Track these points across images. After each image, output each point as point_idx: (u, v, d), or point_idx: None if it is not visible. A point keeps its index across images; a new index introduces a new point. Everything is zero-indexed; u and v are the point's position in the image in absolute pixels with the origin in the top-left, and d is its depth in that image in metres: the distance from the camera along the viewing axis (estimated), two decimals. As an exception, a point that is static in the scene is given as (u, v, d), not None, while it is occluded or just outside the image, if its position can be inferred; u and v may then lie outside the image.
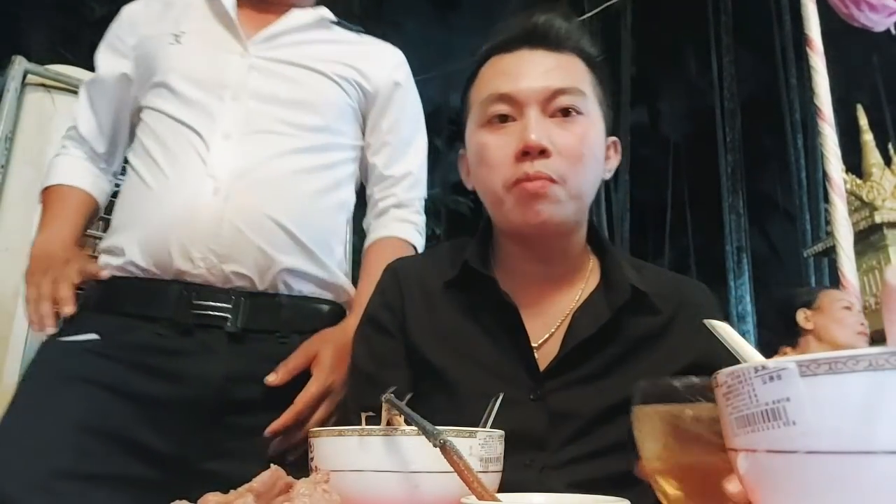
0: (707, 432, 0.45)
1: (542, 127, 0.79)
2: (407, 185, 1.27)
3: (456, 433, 0.50)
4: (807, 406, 0.31)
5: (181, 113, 1.09)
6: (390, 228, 1.24)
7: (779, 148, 14.84)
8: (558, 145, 0.79)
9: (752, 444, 0.34)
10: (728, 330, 0.44)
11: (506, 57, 0.85)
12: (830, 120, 3.43)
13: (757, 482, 0.35)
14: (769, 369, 0.33)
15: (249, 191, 1.05)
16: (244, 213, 1.03)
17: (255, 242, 1.03)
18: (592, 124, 0.83)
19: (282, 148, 1.09)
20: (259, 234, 1.04)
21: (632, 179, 14.14)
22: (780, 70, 14.23)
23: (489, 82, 0.85)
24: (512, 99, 0.81)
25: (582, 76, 0.84)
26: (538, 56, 0.83)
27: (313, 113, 1.14)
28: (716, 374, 0.38)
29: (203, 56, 1.13)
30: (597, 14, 8.00)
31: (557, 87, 0.80)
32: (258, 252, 1.04)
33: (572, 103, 0.81)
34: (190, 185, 1.04)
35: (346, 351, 0.99)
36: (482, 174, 0.84)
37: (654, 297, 0.82)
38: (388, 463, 0.50)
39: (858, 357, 0.30)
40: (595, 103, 0.85)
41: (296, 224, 1.08)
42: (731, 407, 0.36)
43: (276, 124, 1.10)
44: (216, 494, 0.45)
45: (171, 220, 1.02)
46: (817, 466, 0.31)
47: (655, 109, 18.08)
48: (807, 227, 12.97)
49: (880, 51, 12.50)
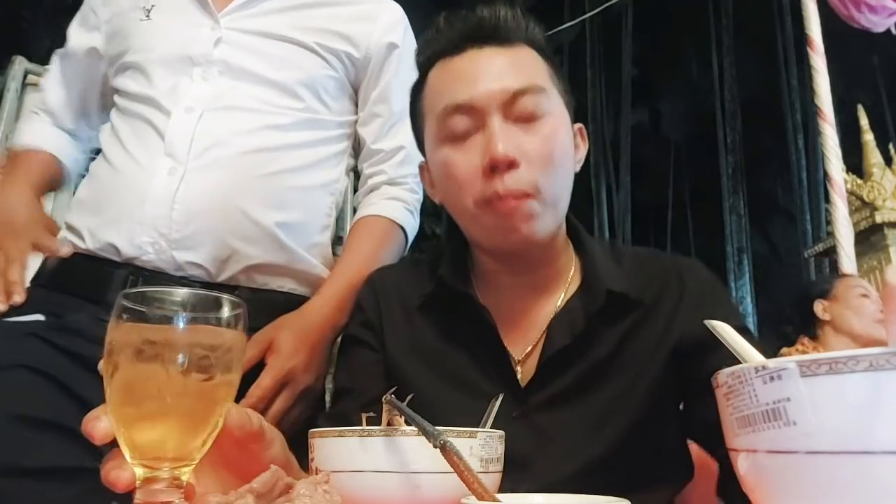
0: None
1: (508, 136, 0.74)
2: (398, 161, 1.17)
3: (456, 434, 0.50)
4: (807, 406, 0.31)
5: (148, 91, 1.02)
6: (379, 207, 1.14)
7: (779, 148, 14.82)
8: (527, 153, 0.74)
9: (752, 445, 0.34)
10: (728, 330, 0.44)
11: (454, 60, 0.79)
12: (831, 120, 3.43)
13: (757, 482, 0.35)
14: (769, 369, 0.33)
15: (208, 171, 0.96)
16: (201, 196, 0.95)
17: (211, 229, 0.95)
18: (558, 121, 0.78)
19: (250, 125, 1.00)
20: (217, 219, 0.95)
21: (633, 180, 14.12)
22: (780, 71, 14.22)
23: (441, 91, 0.79)
24: (470, 108, 0.75)
25: (538, 69, 0.79)
26: (488, 54, 0.77)
27: (288, 89, 1.05)
28: (716, 374, 0.38)
29: (171, 31, 1.05)
30: (597, 15, 8.01)
31: (517, 87, 0.75)
32: (215, 240, 0.95)
33: (535, 105, 0.75)
34: (145, 164, 0.96)
35: (306, 335, 0.93)
36: (451, 192, 0.79)
37: (634, 288, 0.78)
38: (388, 463, 0.50)
39: (858, 357, 0.30)
40: (556, 95, 0.80)
41: (261, 208, 0.99)
42: (732, 407, 0.36)
43: (246, 100, 1.02)
44: (216, 495, 0.45)
45: (122, 200, 0.95)
46: (818, 466, 0.31)
47: (656, 110, 18.06)
48: (807, 228, 12.96)
49: (881, 51, 12.48)
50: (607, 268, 0.81)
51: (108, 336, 0.49)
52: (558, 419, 0.75)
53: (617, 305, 0.77)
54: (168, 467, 0.48)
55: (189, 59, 1.03)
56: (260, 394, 0.87)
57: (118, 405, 0.48)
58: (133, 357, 0.47)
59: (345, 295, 0.99)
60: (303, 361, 0.92)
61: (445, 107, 0.77)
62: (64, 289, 0.96)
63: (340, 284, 1.01)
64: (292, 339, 0.92)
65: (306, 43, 1.08)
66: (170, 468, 0.48)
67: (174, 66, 1.03)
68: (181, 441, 0.48)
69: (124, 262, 0.95)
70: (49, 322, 0.92)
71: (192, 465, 0.49)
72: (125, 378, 0.47)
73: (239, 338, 0.52)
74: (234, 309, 0.52)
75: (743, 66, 13.89)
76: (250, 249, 0.98)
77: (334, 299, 1.00)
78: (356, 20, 1.13)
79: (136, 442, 0.47)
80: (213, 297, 0.52)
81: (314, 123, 1.08)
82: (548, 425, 0.75)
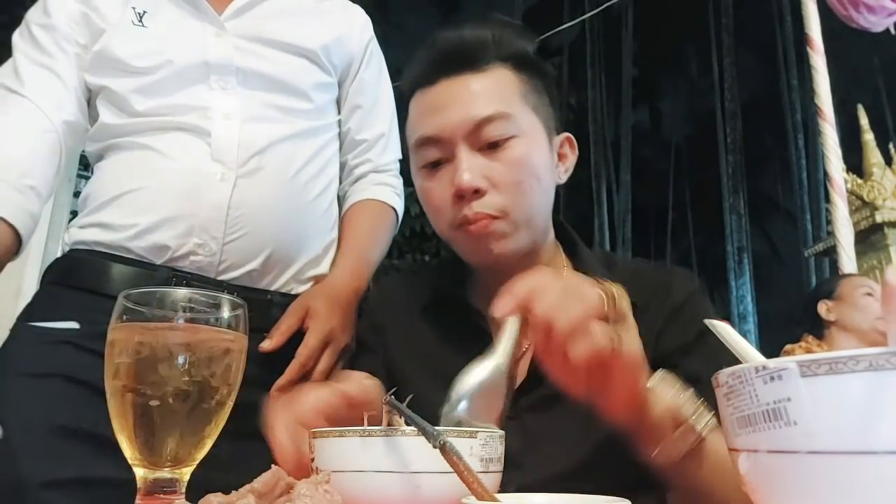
0: None
1: (473, 165, 0.77)
2: (381, 148, 1.22)
3: (457, 434, 0.50)
4: (807, 406, 0.31)
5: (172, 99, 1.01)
6: (369, 192, 1.19)
7: (780, 148, 14.84)
8: (494, 180, 0.77)
9: (753, 445, 0.34)
10: (728, 330, 0.44)
11: (428, 92, 0.81)
12: (831, 119, 3.43)
13: (758, 482, 0.35)
14: (770, 369, 0.33)
15: (256, 177, 1.00)
16: (253, 202, 0.99)
17: (259, 236, 0.99)
18: (528, 142, 0.79)
19: (278, 135, 1.04)
20: (264, 227, 0.99)
21: (633, 180, 14.12)
22: (780, 71, 14.23)
23: (416, 123, 0.82)
24: (438, 140, 0.79)
25: (508, 91, 0.80)
26: (458, 83, 0.79)
27: (301, 96, 1.08)
28: (716, 374, 0.38)
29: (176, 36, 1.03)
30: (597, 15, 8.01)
31: (481, 116, 0.77)
32: (264, 246, 0.99)
33: (501, 131, 0.77)
34: (194, 168, 0.98)
35: (337, 300, 0.99)
36: (430, 217, 0.84)
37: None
38: (389, 463, 0.50)
39: (859, 357, 0.30)
40: (529, 114, 0.81)
41: (303, 217, 1.05)
42: (733, 407, 0.36)
43: (267, 110, 1.04)
44: (217, 495, 0.45)
45: (174, 202, 0.96)
46: (818, 466, 0.31)
47: (656, 110, 18.08)
48: (808, 227, 12.96)
49: (881, 50, 12.49)
50: (597, 274, 0.80)
51: (108, 336, 0.49)
52: (548, 421, 0.76)
53: None
54: (169, 468, 0.48)
55: (206, 65, 1.03)
56: (308, 353, 0.93)
57: (118, 405, 0.48)
58: (134, 357, 0.47)
59: (359, 265, 1.09)
60: (339, 322, 0.98)
61: (418, 139, 0.81)
62: (98, 291, 0.94)
63: (353, 257, 1.10)
64: (327, 304, 0.99)
65: (308, 53, 1.10)
66: (171, 469, 0.48)
67: (189, 74, 1.02)
68: (182, 441, 0.48)
69: (163, 264, 0.96)
70: (84, 330, 0.92)
71: (193, 466, 0.50)
72: (126, 378, 0.48)
73: (239, 338, 0.52)
74: (234, 309, 0.52)
75: (743, 66, 13.90)
76: (288, 257, 1.04)
77: (351, 269, 1.08)
78: (338, 26, 1.16)
79: (136, 442, 0.48)
80: (214, 298, 0.52)
81: (321, 129, 1.12)
82: (537, 427, 0.76)
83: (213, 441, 0.51)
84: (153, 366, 0.47)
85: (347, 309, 1.02)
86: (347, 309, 1.02)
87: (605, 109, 14.64)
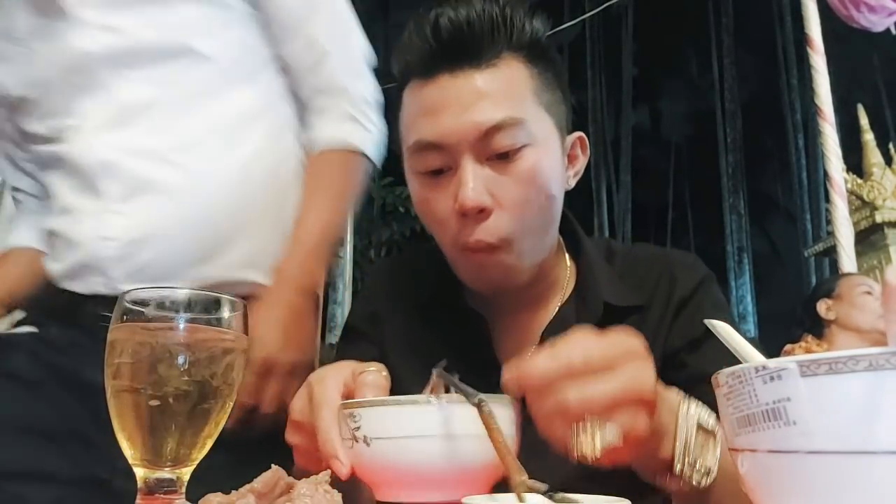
0: None
1: (479, 180, 0.68)
2: (333, 64, 0.96)
3: (499, 399, 0.53)
4: (807, 406, 0.31)
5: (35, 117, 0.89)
6: (326, 134, 0.96)
7: (779, 148, 14.85)
8: (500, 198, 0.69)
9: (753, 444, 0.34)
10: (728, 330, 0.44)
11: (427, 87, 0.71)
12: (831, 119, 3.43)
13: (758, 482, 0.35)
14: (770, 369, 0.33)
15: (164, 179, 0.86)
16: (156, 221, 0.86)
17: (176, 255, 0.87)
18: (541, 151, 0.71)
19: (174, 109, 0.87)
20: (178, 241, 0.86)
21: (633, 180, 14.14)
22: (780, 71, 14.24)
23: (413, 122, 0.72)
24: (439, 146, 0.69)
25: (520, 90, 0.71)
26: (462, 81, 0.69)
27: (190, 54, 0.89)
28: (716, 374, 0.38)
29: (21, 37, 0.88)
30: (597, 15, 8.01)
31: (490, 124, 0.67)
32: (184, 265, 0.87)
33: (512, 140, 0.68)
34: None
35: (272, 318, 0.84)
36: (429, 226, 0.76)
37: (628, 297, 0.76)
38: (433, 428, 0.51)
39: (858, 357, 0.30)
40: (542, 115, 0.72)
41: (227, 211, 0.88)
42: (732, 407, 0.36)
43: (149, 87, 0.88)
44: (217, 495, 0.45)
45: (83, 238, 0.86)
46: (818, 466, 0.31)
47: (656, 110, 18.08)
48: (807, 227, 12.97)
49: (881, 50, 12.49)
50: (603, 276, 0.78)
51: (109, 336, 0.49)
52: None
53: (613, 316, 0.75)
54: (169, 468, 0.48)
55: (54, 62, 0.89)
56: (245, 392, 0.82)
57: (119, 406, 0.48)
58: (134, 357, 0.47)
59: (313, 254, 0.91)
60: (276, 344, 0.84)
61: (416, 143, 0.71)
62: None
63: (308, 244, 0.91)
64: (258, 328, 0.82)
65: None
66: (171, 469, 0.48)
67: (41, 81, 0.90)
68: (182, 441, 0.48)
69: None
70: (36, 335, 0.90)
71: (193, 466, 0.50)
72: (126, 378, 0.48)
73: (240, 338, 0.52)
74: (234, 309, 0.52)
75: (743, 66, 13.91)
76: (221, 258, 0.91)
77: (301, 264, 0.90)
78: None
79: (137, 442, 0.48)
80: (214, 298, 0.52)
81: (238, 78, 0.96)
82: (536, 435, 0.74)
83: (213, 441, 0.51)
84: (153, 366, 0.47)
85: (291, 322, 0.87)
86: (291, 322, 0.87)
87: (605, 109, 14.65)
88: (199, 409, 0.48)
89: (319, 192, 0.94)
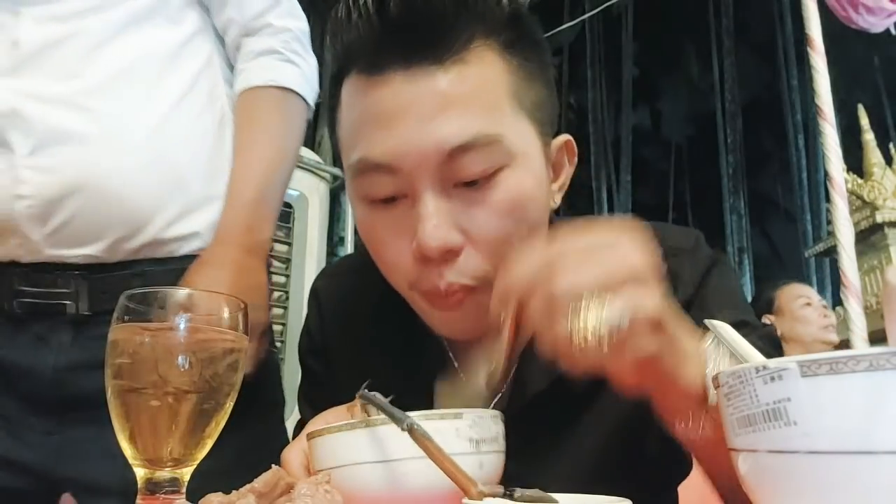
0: None
1: (443, 214, 0.54)
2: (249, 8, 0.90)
3: (440, 416, 0.49)
4: (808, 406, 0.31)
5: None
6: (251, 75, 0.88)
7: (780, 149, 14.82)
8: (471, 233, 0.55)
9: (753, 445, 0.34)
10: (728, 330, 0.44)
11: (373, 86, 0.55)
12: (831, 119, 3.42)
13: (758, 482, 0.35)
14: (770, 369, 0.33)
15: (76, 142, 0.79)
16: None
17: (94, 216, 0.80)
18: (521, 169, 0.56)
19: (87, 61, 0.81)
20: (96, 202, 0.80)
21: (633, 181, 14.11)
22: (781, 72, 14.22)
23: (356, 133, 0.57)
24: (392, 171, 0.55)
25: (495, 93, 0.56)
26: (420, 81, 0.53)
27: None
28: (716, 374, 0.38)
29: None
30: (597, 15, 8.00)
31: (456, 142, 0.53)
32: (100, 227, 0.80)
33: (484, 165, 0.54)
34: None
35: (223, 274, 0.78)
36: (378, 264, 0.62)
37: None
38: (372, 455, 0.48)
39: (859, 357, 0.30)
40: (522, 123, 0.57)
41: (151, 162, 0.81)
42: (732, 407, 0.36)
43: (54, 25, 0.81)
44: (218, 495, 0.45)
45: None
46: (818, 467, 0.31)
47: (657, 111, 18.05)
48: (808, 227, 12.95)
49: (881, 51, 12.48)
50: None
51: (110, 336, 0.49)
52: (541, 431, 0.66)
53: None
54: (169, 468, 0.48)
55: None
56: None
57: (119, 406, 0.48)
58: (134, 357, 0.47)
59: (255, 209, 0.84)
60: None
61: (360, 161, 0.56)
62: None
63: (247, 198, 0.84)
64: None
65: None
66: (171, 469, 0.48)
67: None
68: (182, 441, 0.48)
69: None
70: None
71: (193, 466, 0.50)
72: (126, 378, 0.48)
73: (240, 338, 0.52)
74: (234, 309, 0.52)
75: (743, 67, 13.88)
76: (146, 220, 0.84)
77: (243, 221, 0.84)
78: None
79: (137, 443, 0.48)
80: (214, 298, 0.52)
81: (155, 23, 0.88)
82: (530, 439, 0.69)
83: (213, 441, 0.51)
84: (153, 366, 0.47)
85: (238, 280, 0.79)
86: (238, 280, 0.79)
87: (605, 109, 14.62)
88: (200, 409, 0.48)
89: (254, 139, 0.86)
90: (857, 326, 2.41)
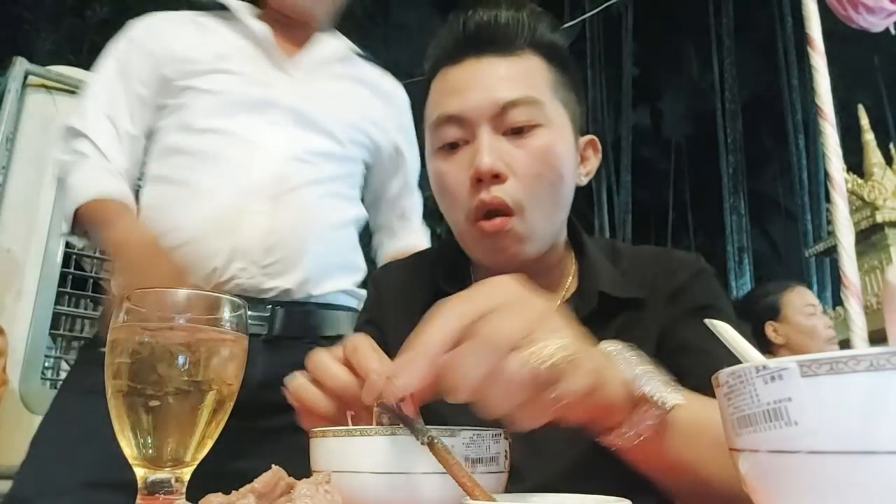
0: None
1: (495, 148, 0.72)
2: (419, 212, 1.43)
3: (437, 432, 0.47)
4: (808, 406, 0.31)
5: (221, 125, 1.12)
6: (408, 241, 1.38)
7: (780, 148, 14.84)
8: (514, 167, 0.73)
9: (753, 445, 0.34)
10: (728, 330, 0.44)
11: (453, 70, 0.77)
12: (832, 119, 3.41)
13: (758, 482, 0.35)
14: (770, 369, 0.33)
15: (292, 210, 1.12)
16: (289, 232, 1.10)
17: (296, 259, 1.11)
18: (555, 134, 0.75)
19: (318, 175, 1.16)
20: (301, 252, 1.11)
21: (633, 180, 14.13)
22: (781, 71, 14.23)
23: (437, 102, 0.78)
24: (460, 120, 0.74)
25: (538, 79, 0.76)
26: (486, 65, 0.75)
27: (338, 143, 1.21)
28: (717, 373, 0.38)
29: (245, 74, 1.16)
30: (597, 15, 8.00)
31: (507, 99, 0.73)
32: (297, 267, 1.11)
33: (527, 117, 0.73)
34: (231, 196, 1.08)
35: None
36: (444, 204, 0.79)
37: (626, 289, 0.77)
38: (387, 464, 0.48)
39: (860, 357, 0.30)
40: (558, 106, 0.77)
41: (326, 244, 1.16)
42: (733, 407, 0.36)
43: (310, 153, 1.16)
44: (218, 495, 0.45)
45: (214, 227, 1.06)
46: (819, 466, 0.31)
47: (657, 110, 18.07)
48: (808, 227, 12.97)
49: (881, 50, 12.49)
50: (603, 270, 0.79)
51: (109, 336, 0.49)
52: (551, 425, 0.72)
53: (609, 307, 0.75)
54: (169, 468, 0.48)
55: (266, 102, 1.15)
56: None
57: (119, 406, 0.48)
58: (134, 357, 0.47)
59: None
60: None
61: (438, 117, 0.76)
62: None
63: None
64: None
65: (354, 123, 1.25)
66: (171, 469, 0.48)
67: (249, 108, 1.14)
68: (182, 441, 0.48)
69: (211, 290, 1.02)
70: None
71: (193, 466, 0.50)
72: (126, 378, 0.48)
73: (240, 338, 0.52)
74: (234, 310, 0.52)
75: (743, 67, 13.90)
76: (317, 274, 1.15)
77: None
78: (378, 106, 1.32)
79: (137, 443, 0.48)
80: (214, 298, 0.52)
81: (349, 176, 1.27)
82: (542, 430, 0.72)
83: (213, 441, 0.51)
84: (153, 366, 0.47)
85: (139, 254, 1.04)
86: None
87: (605, 109, 14.65)
88: (200, 409, 0.48)
89: None
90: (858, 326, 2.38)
